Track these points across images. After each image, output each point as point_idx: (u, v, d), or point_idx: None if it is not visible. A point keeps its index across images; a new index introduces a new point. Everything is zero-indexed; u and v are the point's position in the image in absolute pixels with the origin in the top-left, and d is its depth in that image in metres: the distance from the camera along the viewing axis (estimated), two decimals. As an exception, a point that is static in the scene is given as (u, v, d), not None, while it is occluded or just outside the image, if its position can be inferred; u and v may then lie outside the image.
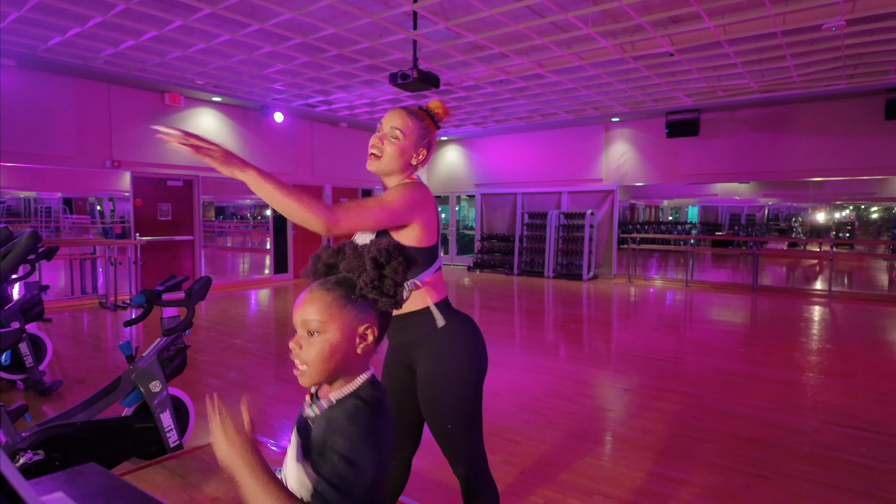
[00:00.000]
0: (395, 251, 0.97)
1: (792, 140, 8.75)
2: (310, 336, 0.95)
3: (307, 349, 0.94)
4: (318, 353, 0.94)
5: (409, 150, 1.53)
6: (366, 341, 0.97)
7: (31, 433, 2.23)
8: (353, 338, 0.96)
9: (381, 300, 0.96)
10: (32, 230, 3.19)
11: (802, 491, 2.47)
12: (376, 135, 1.54)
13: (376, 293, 0.96)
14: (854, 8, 5.01)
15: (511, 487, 2.48)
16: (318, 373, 0.95)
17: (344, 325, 0.95)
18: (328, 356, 0.94)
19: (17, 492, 0.48)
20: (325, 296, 0.95)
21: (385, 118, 1.54)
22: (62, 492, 1.03)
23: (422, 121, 1.56)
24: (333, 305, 0.94)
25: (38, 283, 3.92)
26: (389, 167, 1.53)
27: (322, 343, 0.94)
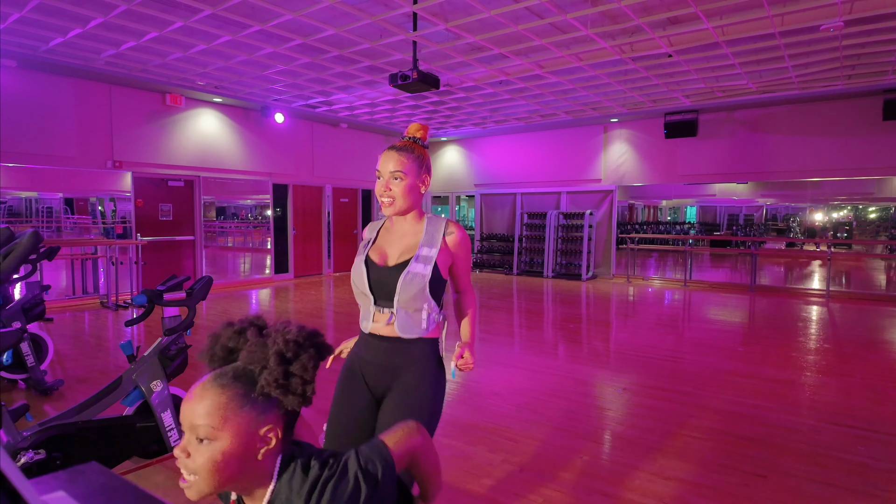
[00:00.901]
0: (305, 342, 0.86)
1: (790, 140, 8.76)
2: (199, 443, 0.80)
3: (195, 456, 0.80)
4: (206, 462, 0.79)
5: (415, 184, 1.61)
6: (268, 445, 0.83)
7: (33, 432, 2.24)
8: (252, 443, 0.82)
9: (286, 399, 0.83)
10: (34, 230, 3.20)
11: (800, 490, 2.49)
12: (380, 182, 1.60)
13: (281, 392, 0.83)
14: (852, 9, 5.02)
15: (510, 486, 2.50)
16: (207, 485, 0.80)
17: (240, 430, 0.80)
18: (220, 467, 0.80)
19: (18, 491, 0.49)
20: (219, 395, 0.81)
21: (381, 165, 1.60)
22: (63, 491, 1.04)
23: (413, 152, 1.61)
24: (227, 407, 0.80)
25: (40, 283, 3.93)
26: (405, 206, 1.61)
27: (213, 451, 0.79)
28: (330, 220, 11.03)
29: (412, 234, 1.64)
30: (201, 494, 0.82)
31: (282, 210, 10.31)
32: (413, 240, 1.62)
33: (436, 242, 1.60)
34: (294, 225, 10.38)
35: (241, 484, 0.84)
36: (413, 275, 1.56)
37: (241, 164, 9.33)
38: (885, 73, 7.12)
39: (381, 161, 1.60)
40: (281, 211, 10.31)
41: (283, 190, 10.19)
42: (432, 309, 1.59)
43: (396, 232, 1.66)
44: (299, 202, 10.47)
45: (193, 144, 8.65)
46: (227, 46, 6.18)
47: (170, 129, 8.34)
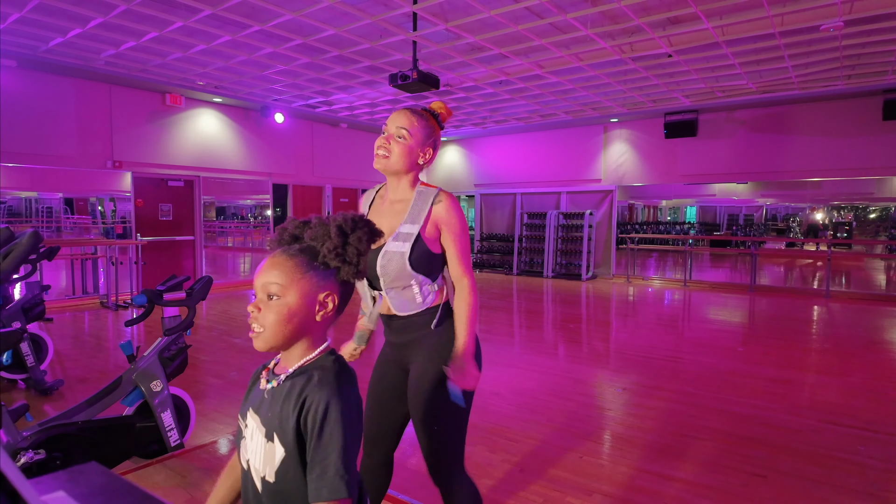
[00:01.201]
0: (360, 221, 0.98)
1: (790, 140, 8.76)
2: (269, 300, 0.94)
3: (265, 312, 0.94)
4: (275, 315, 0.93)
5: (416, 150, 1.55)
6: (325, 309, 0.96)
7: (33, 432, 2.24)
8: (312, 304, 0.95)
9: (343, 268, 0.96)
10: (33, 230, 3.20)
11: (800, 490, 2.49)
12: (382, 135, 1.56)
13: (339, 261, 0.95)
14: (852, 9, 5.03)
15: (510, 486, 2.50)
16: (273, 336, 0.94)
17: (304, 291, 0.94)
18: (286, 320, 0.93)
19: (18, 491, 0.49)
20: (287, 261, 0.95)
21: (390, 119, 1.56)
22: (63, 491, 1.04)
23: (426, 120, 1.57)
24: (295, 270, 0.94)
25: (40, 283, 3.93)
26: (397, 166, 1.55)
27: (280, 306, 0.93)
28: (330, 220, 11.01)
29: (400, 209, 1.57)
30: (266, 344, 0.95)
31: (282, 210, 10.31)
32: (400, 216, 1.56)
33: (420, 217, 1.52)
34: (294, 225, 10.37)
35: (296, 340, 0.97)
36: (390, 254, 1.50)
37: (241, 164, 9.32)
38: (885, 73, 7.12)
39: (391, 117, 1.56)
40: (281, 211, 10.31)
41: (283, 190, 10.19)
42: (423, 282, 1.52)
43: (387, 205, 1.61)
44: (299, 202, 10.47)
45: (193, 144, 8.65)
46: (227, 46, 6.18)
47: (170, 129, 8.34)
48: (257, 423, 0.97)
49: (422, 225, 1.52)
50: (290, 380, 0.96)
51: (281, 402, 0.94)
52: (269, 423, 0.95)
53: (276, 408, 0.94)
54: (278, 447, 0.93)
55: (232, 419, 3.32)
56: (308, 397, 0.91)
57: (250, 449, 0.98)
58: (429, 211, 1.53)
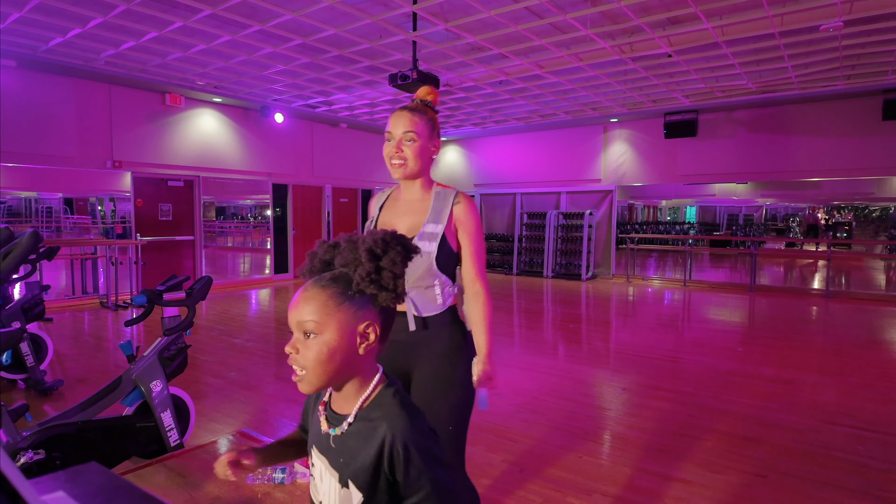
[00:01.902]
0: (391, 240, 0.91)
1: (790, 140, 8.76)
2: (306, 338, 0.88)
3: (304, 352, 0.88)
4: (315, 355, 0.87)
5: (427, 147, 1.56)
6: (367, 340, 0.90)
7: (32, 432, 2.24)
8: (353, 337, 0.89)
9: (380, 295, 0.89)
10: (33, 230, 3.20)
11: (800, 490, 2.49)
12: (389, 144, 1.55)
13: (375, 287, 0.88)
14: (852, 9, 5.03)
15: (510, 486, 2.50)
16: (317, 377, 0.89)
17: (342, 325, 0.88)
18: (327, 358, 0.88)
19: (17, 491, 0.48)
20: (320, 294, 0.88)
21: (392, 125, 1.54)
22: (63, 491, 1.04)
23: (425, 114, 1.57)
24: (329, 304, 0.88)
25: (39, 283, 3.93)
26: (416, 169, 1.55)
27: (320, 345, 0.87)
28: (330, 220, 11.03)
29: (419, 209, 1.57)
30: (312, 387, 0.90)
31: (281, 210, 10.31)
32: (420, 215, 1.56)
33: (443, 217, 1.53)
34: (294, 225, 10.38)
35: (344, 378, 0.92)
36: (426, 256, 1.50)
37: (241, 164, 9.32)
38: (885, 73, 7.12)
39: (392, 122, 1.54)
40: (281, 211, 10.30)
41: (283, 190, 10.19)
42: (445, 283, 1.53)
43: (403, 205, 1.60)
44: (299, 202, 10.47)
45: (193, 144, 8.65)
46: (226, 46, 6.18)
47: (169, 129, 8.34)
48: (325, 466, 0.94)
49: (445, 225, 1.53)
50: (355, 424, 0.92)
51: (351, 447, 0.91)
52: (340, 468, 0.92)
53: (347, 454, 0.91)
54: (355, 493, 0.90)
55: (232, 419, 3.32)
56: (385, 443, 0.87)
57: (321, 491, 0.96)
58: (450, 211, 1.54)
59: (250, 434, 2.21)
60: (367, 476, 0.88)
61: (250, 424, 3.27)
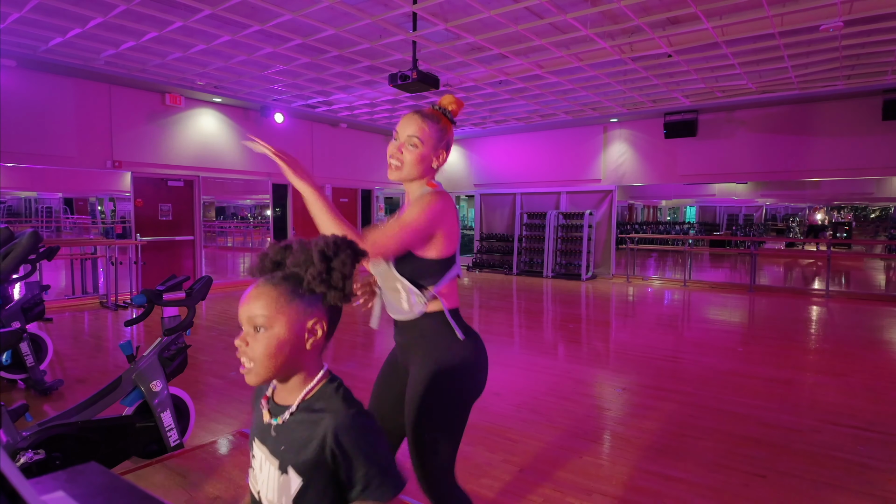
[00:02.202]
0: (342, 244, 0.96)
1: (789, 141, 8.76)
2: (255, 332, 0.92)
3: (253, 345, 0.92)
4: (264, 348, 0.92)
5: (429, 156, 1.50)
6: (314, 336, 0.95)
7: (32, 432, 2.24)
8: (301, 333, 0.94)
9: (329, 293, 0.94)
10: (33, 230, 3.20)
11: (800, 490, 2.49)
12: (394, 144, 1.51)
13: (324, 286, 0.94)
14: (851, 9, 5.03)
15: (510, 486, 2.49)
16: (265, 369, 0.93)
17: (291, 320, 0.92)
18: (275, 352, 0.92)
19: (17, 491, 0.48)
20: (272, 290, 0.93)
21: (400, 125, 1.50)
22: (63, 491, 1.04)
23: (438, 122, 1.51)
24: (280, 300, 0.92)
25: (39, 282, 3.93)
26: (411, 175, 1.51)
27: (269, 338, 0.91)
28: (329, 220, 11.01)
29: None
30: (259, 378, 0.94)
31: (281, 210, 10.31)
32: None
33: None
34: (294, 225, 10.37)
35: (290, 372, 0.96)
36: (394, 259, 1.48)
37: (241, 164, 9.32)
38: (885, 73, 7.12)
39: (402, 122, 1.50)
40: (280, 211, 10.30)
41: (283, 190, 10.19)
42: (410, 291, 1.46)
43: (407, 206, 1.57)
44: (299, 202, 10.45)
45: (193, 144, 8.65)
46: (226, 46, 6.17)
47: (169, 129, 8.33)
48: (265, 455, 0.98)
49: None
50: (296, 415, 0.96)
51: (291, 435, 0.95)
52: (280, 455, 0.95)
53: (288, 442, 0.95)
54: (294, 478, 0.93)
55: (231, 419, 3.32)
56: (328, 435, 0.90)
57: (261, 480, 0.99)
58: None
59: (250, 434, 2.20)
60: (308, 463, 0.92)
61: (250, 424, 3.26)
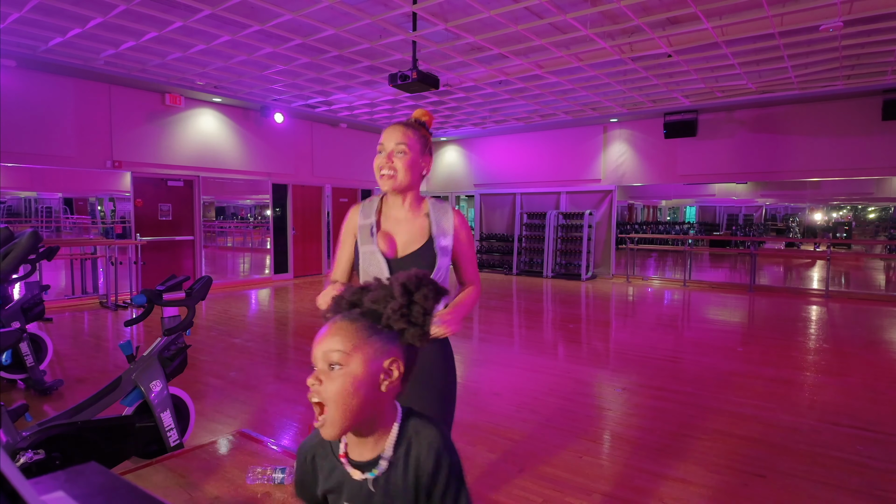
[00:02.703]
0: (424, 279, 0.92)
1: (789, 140, 8.76)
2: (330, 370, 0.86)
3: (327, 384, 0.85)
4: (339, 388, 0.85)
5: (418, 161, 1.56)
6: (391, 377, 0.89)
7: (32, 432, 2.24)
8: (377, 373, 0.88)
9: (408, 330, 0.90)
10: (33, 230, 3.20)
11: (800, 490, 2.49)
12: (381, 155, 1.55)
13: (404, 321, 0.89)
14: (851, 9, 5.03)
15: (509, 486, 2.50)
16: (341, 414, 0.85)
17: (368, 357, 0.87)
18: (352, 392, 0.85)
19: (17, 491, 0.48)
20: (349, 326, 0.88)
21: (385, 137, 1.55)
22: (63, 491, 1.03)
23: (418, 131, 1.58)
24: (357, 336, 0.87)
25: (39, 282, 3.93)
26: (405, 182, 1.55)
27: (344, 377, 0.85)
28: (329, 220, 11.03)
29: (415, 220, 1.59)
30: (335, 427, 0.86)
31: (281, 210, 10.31)
32: (417, 227, 1.58)
33: (449, 230, 1.59)
34: (293, 225, 10.38)
35: (366, 418, 0.90)
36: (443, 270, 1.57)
37: (241, 163, 9.32)
38: (885, 73, 7.13)
39: (386, 135, 1.55)
40: (280, 211, 10.31)
41: (283, 190, 10.19)
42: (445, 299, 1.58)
43: (395, 217, 1.61)
44: (299, 202, 10.47)
45: (193, 144, 8.65)
46: (226, 46, 6.17)
47: (169, 129, 8.33)
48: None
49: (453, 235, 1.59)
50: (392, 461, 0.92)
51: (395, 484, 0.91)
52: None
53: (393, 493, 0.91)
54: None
55: (231, 419, 3.32)
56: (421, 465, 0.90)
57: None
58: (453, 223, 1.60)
59: (250, 434, 2.21)
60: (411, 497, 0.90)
61: (250, 424, 3.26)
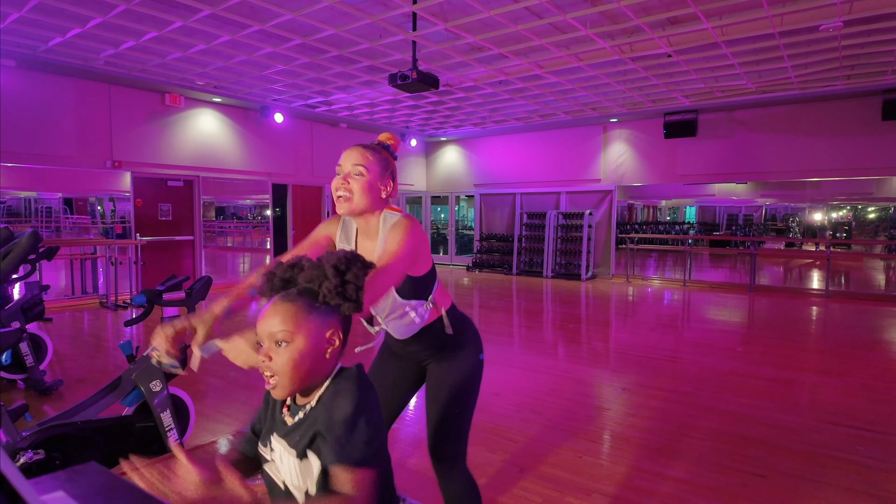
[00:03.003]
0: (353, 258, 1.02)
1: (789, 140, 8.76)
2: (277, 346, 0.97)
3: (276, 359, 0.97)
4: (288, 361, 0.97)
5: (376, 184, 1.48)
6: (333, 345, 1.02)
7: (32, 432, 2.24)
8: (320, 344, 1.00)
9: (344, 305, 1.00)
10: (33, 230, 3.20)
11: (800, 490, 2.49)
12: (338, 178, 1.48)
13: (340, 298, 0.99)
14: (851, 9, 5.03)
15: (510, 486, 2.49)
16: (290, 381, 0.98)
17: (311, 333, 0.98)
18: (298, 363, 0.97)
19: (17, 491, 0.48)
20: (290, 306, 0.98)
21: (343, 159, 1.49)
22: (63, 491, 1.03)
23: (379, 153, 1.51)
24: (298, 314, 0.98)
25: (39, 282, 3.93)
26: (361, 205, 1.47)
27: (291, 351, 0.97)
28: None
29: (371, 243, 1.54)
30: (285, 391, 0.99)
31: (281, 210, 10.31)
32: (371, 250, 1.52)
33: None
34: (293, 225, 10.38)
35: (312, 381, 1.02)
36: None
37: (241, 163, 9.32)
38: (885, 74, 7.13)
39: (344, 156, 1.49)
40: (280, 211, 10.30)
41: (283, 190, 10.19)
42: (417, 306, 1.52)
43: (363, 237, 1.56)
44: (299, 202, 10.47)
45: (193, 144, 8.65)
46: (226, 46, 6.17)
47: (169, 129, 8.33)
48: (284, 447, 1.03)
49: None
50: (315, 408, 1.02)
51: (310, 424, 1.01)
52: (298, 444, 1.01)
53: (306, 430, 1.00)
54: (314, 461, 0.99)
55: (231, 419, 3.32)
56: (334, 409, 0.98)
57: (283, 471, 1.04)
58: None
59: (250, 434, 2.20)
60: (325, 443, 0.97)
61: (249, 424, 3.26)
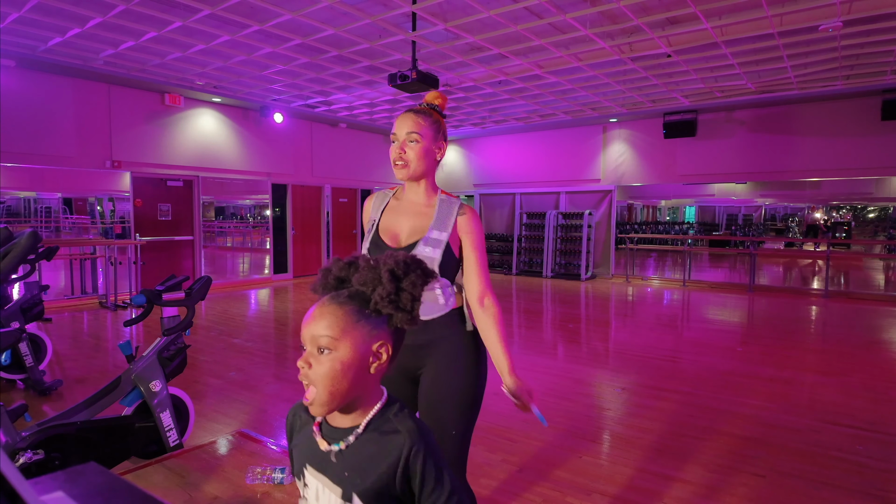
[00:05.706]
0: (412, 263, 0.92)
1: (789, 140, 8.77)
2: (319, 353, 0.87)
3: (316, 367, 0.87)
4: (328, 371, 0.86)
5: (431, 149, 1.57)
6: (379, 360, 0.90)
7: (31, 433, 2.23)
8: (366, 356, 0.89)
9: (396, 315, 0.90)
10: (32, 230, 3.20)
11: (799, 489, 2.49)
12: (395, 145, 1.56)
13: (392, 308, 0.89)
14: (851, 9, 5.03)
15: (509, 486, 2.49)
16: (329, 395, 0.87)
17: (357, 342, 0.87)
18: (340, 376, 0.86)
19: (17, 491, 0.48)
20: (338, 310, 0.88)
21: (397, 126, 1.56)
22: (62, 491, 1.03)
23: (430, 116, 1.58)
24: (346, 320, 0.87)
25: (38, 282, 3.92)
26: (419, 170, 1.56)
27: (333, 361, 0.86)
28: (329, 220, 11.02)
29: (423, 212, 1.59)
30: (323, 408, 0.88)
31: (281, 210, 10.30)
32: (423, 219, 1.58)
33: (447, 225, 1.55)
34: (293, 225, 10.37)
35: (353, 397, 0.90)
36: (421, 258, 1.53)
37: (240, 164, 9.32)
38: (884, 73, 7.13)
39: (398, 123, 1.56)
40: (280, 211, 10.30)
41: (282, 190, 10.19)
42: (445, 285, 1.56)
43: (405, 207, 1.61)
44: (298, 202, 10.46)
45: (192, 144, 8.64)
46: (225, 46, 6.17)
47: (169, 129, 8.33)
48: (325, 484, 0.93)
49: (450, 233, 1.55)
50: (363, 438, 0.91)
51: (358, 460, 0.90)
52: (344, 483, 0.91)
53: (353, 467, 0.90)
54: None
55: (231, 419, 3.32)
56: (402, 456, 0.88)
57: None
58: (455, 221, 1.56)
59: (250, 434, 2.21)
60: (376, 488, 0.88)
61: (250, 424, 3.26)
